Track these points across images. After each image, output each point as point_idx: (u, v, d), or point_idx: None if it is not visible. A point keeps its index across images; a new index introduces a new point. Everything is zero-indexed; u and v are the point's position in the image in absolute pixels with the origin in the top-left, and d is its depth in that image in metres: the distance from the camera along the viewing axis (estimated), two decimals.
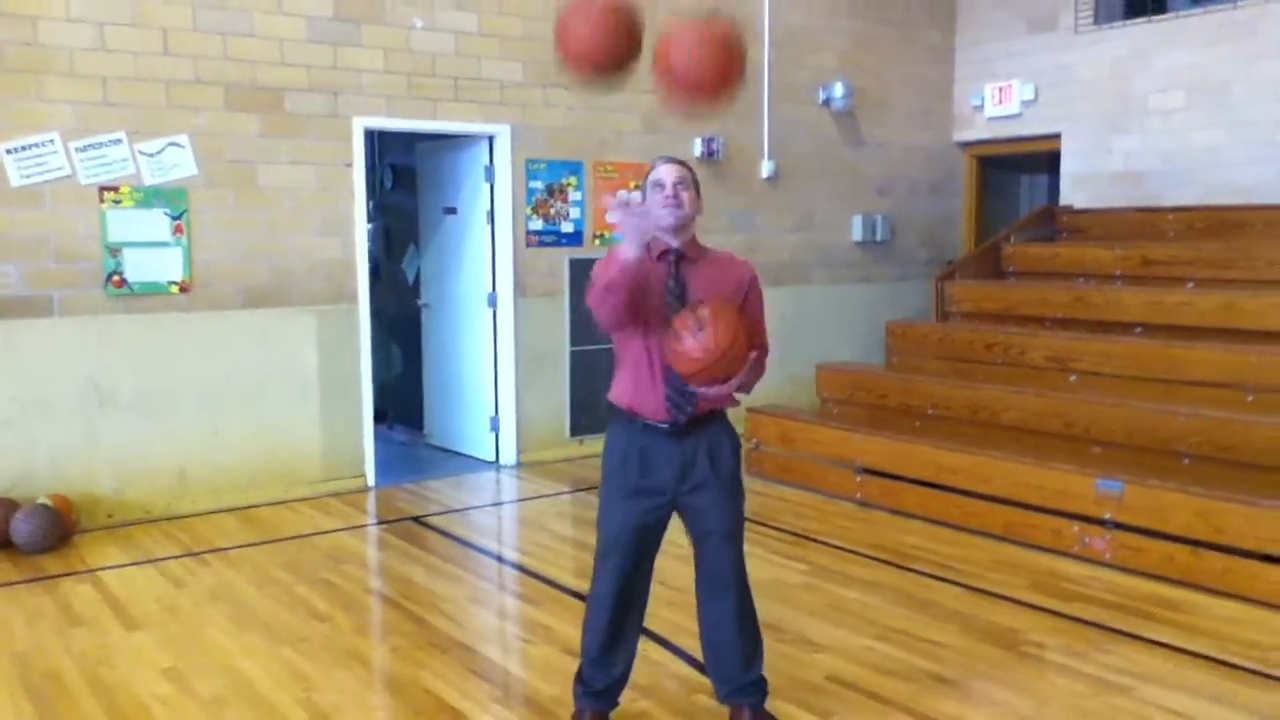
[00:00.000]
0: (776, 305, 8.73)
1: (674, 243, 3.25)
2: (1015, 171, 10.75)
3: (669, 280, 3.22)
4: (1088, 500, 5.29)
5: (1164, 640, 4.32)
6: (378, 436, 7.30)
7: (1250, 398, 5.89)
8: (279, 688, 3.93)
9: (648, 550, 3.36)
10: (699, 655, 3.59)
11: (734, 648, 3.37)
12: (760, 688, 3.42)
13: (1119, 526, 5.19)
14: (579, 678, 3.46)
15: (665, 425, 3.22)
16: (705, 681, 3.63)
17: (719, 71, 2.95)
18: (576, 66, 3.07)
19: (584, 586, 4.97)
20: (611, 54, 3.04)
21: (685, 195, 3.21)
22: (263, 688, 3.93)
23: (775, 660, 3.91)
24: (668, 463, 3.24)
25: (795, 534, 5.91)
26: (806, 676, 3.97)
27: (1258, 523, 4.71)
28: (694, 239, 3.29)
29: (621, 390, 3.30)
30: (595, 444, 7.85)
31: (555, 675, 4.01)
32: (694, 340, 2.99)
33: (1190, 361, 6.22)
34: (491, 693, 3.91)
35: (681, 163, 3.27)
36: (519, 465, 7.68)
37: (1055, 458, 5.63)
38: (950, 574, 5.18)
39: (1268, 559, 4.68)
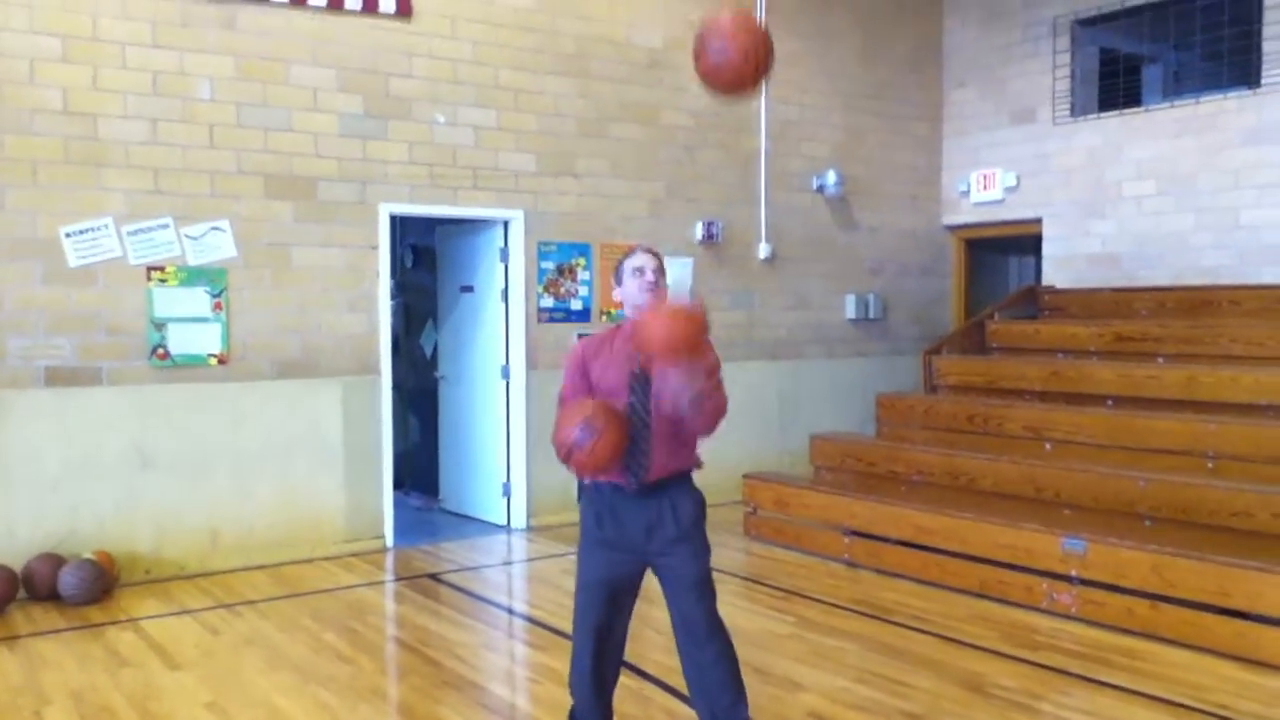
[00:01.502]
0: (774, 380, 9.32)
1: None
2: (1004, 253, 11.30)
3: (638, 357, 3.51)
4: (1054, 558, 5.71)
5: (1118, 684, 4.72)
6: (394, 503, 7.74)
7: (1210, 464, 6.33)
8: (310, 719, 4.35)
9: (621, 601, 3.69)
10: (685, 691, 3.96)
11: (722, 691, 3.66)
12: None
13: (1083, 582, 5.61)
14: (572, 714, 3.80)
15: (631, 488, 3.56)
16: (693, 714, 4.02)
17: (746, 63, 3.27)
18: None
19: None
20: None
21: (661, 280, 3.66)
22: (296, 718, 4.36)
23: (761, 700, 4.32)
24: (634, 521, 3.59)
25: (786, 590, 6.32)
26: (789, 714, 4.37)
27: (1208, 577, 5.12)
28: None
29: None
30: None
31: (559, 710, 4.41)
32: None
33: (1155, 431, 6.67)
34: None
35: (655, 253, 3.73)
36: (530, 529, 8.11)
37: (1026, 519, 6.06)
38: (926, 626, 5.59)
39: (1217, 611, 5.09)
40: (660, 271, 3.67)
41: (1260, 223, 8.19)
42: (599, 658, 3.67)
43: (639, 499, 3.58)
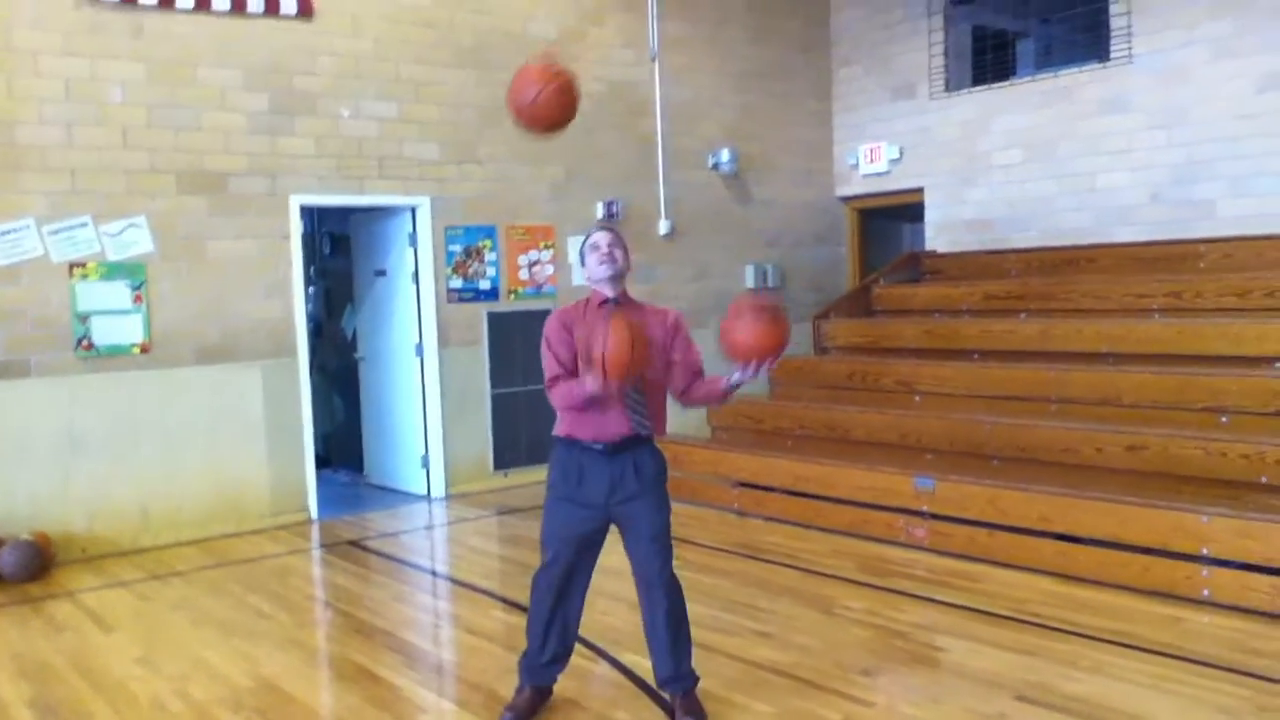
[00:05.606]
0: None
1: (610, 293, 4.02)
2: (897, 220, 11.95)
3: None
4: (909, 496, 6.37)
5: (950, 601, 5.37)
6: (322, 479, 8.22)
7: (1054, 407, 7.02)
8: (232, 665, 4.87)
9: (583, 554, 3.97)
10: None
11: (666, 644, 4.04)
12: (689, 679, 4.05)
13: (934, 516, 6.27)
14: (524, 655, 4.18)
15: (599, 447, 3.94)
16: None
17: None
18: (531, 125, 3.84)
19: (491, 585, 6.00)
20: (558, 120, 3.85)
21: (618, 253, 4.01)
22: (219, 666, 4.87)
23: (628, 626, 4.90)
24: (599, 478, 3.88)
25: (679, 539, 6.79)
26: None
27: (1034, 506, 5.79)
28: (625, 291, 4.08)
29: (565, 420, 4.01)
30: (517, 476, 8.86)
31: (458, 649, 4.99)
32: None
33: (1010, 380, 7.35)
34: (406, 662, 4.88)
35: (613, 230, 4.10)
36: (448, 497, 8.63)
37: (887, 463, 6.71)
38: (795, 562, 6.22)
39: (1041, 534, 5.76)
40: (617, 244, 3.99)
41: (1113, 186, 8.89)
42: (555, 607, 4.00)
43: (605, 457, 3.88)
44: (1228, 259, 7.82)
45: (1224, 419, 6.25)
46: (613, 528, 4.04)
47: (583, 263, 4.08)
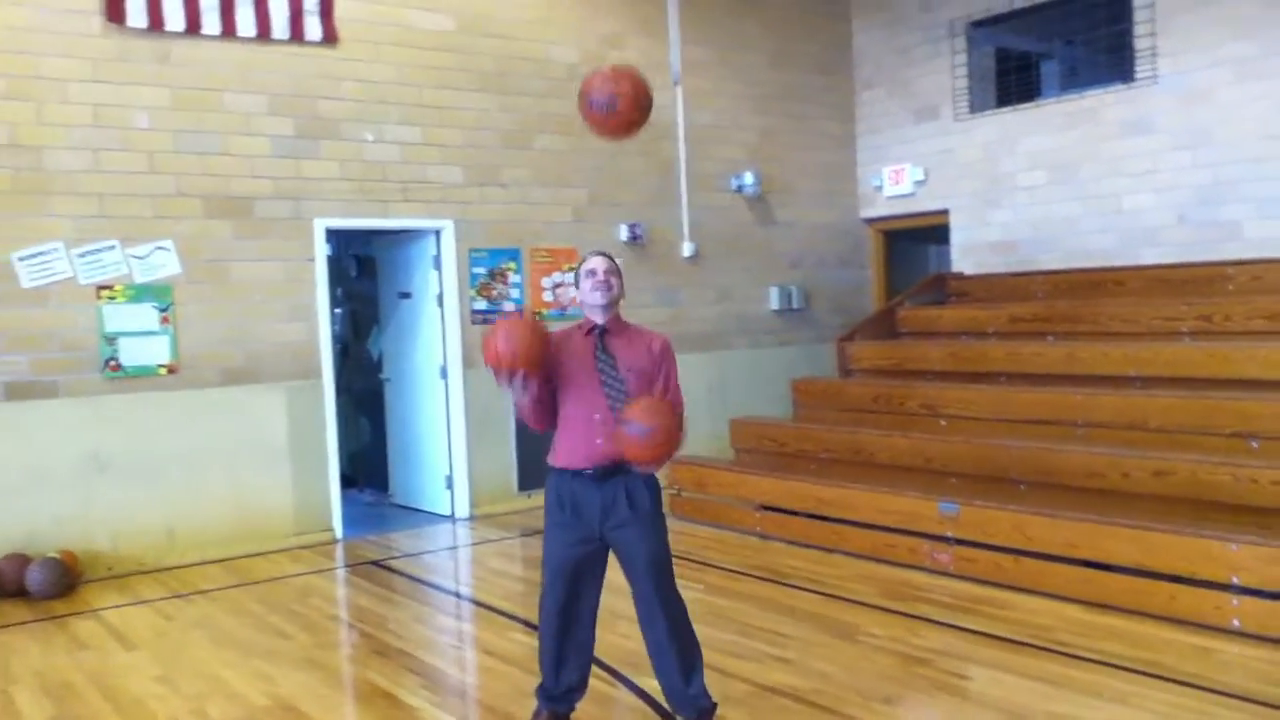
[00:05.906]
0: (701, 370, 9.86)
1: (600, 320, 4.05)
2: (923, 242, 11.91)
3: (597, 351, 4.02)
4: (933, 521, 6.31)
5: (974, 628, 5.31)
6: (348, 499, 8.24)
7: (1080, 431, 6.94)
8: (249, 686, 4.88)
9: (584, 579, 4.00)
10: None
11: (672, 665, 4.02)
12: (701, 699, 3.99)
13: (958, 542, 6.20)
14: (541, 684, 4.17)
15: (590, 472, 3.95)
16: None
17: (635, 107, 3.77)
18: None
19: (512, 608, 5.99)
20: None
21: (613, 280, 4.06)
22: (237, 686, 4.88)
23: (643, 650, 4.86)
24: (591, 504, 3.94)
25: (701, 562, 6.89)
26: None
27: (1060, 531, 5.72)
28: (617, 316, 4.10)
29: (557, 449, 4.07)
30: (541, 497, 8.79)
31: (479, 671, 4.98)
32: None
33: (1036, 403, 7.28)
34: (425, 683, 4.86)
35: (609, 256, 4.12)
36: (472, 517, 8.63)
37: (912, 488, 6.65)
38: (818, 587, 6.17)
39: (1067, 560, 5.69)
40: (613, 271, 4.03)
41: (1139, 207, 8.83)
42: (562, 635, 4.00)
43: (596, 483, 3.91)
44: (1257, 281, 7.74)
45: (1254, 444, 6.16)
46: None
47: (577, 285, 4.11)
